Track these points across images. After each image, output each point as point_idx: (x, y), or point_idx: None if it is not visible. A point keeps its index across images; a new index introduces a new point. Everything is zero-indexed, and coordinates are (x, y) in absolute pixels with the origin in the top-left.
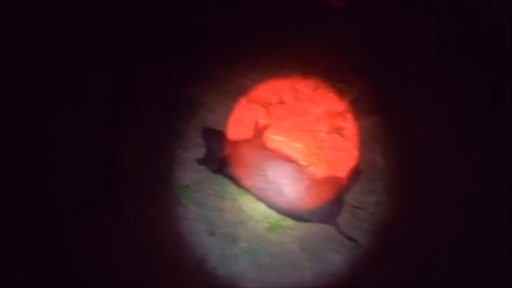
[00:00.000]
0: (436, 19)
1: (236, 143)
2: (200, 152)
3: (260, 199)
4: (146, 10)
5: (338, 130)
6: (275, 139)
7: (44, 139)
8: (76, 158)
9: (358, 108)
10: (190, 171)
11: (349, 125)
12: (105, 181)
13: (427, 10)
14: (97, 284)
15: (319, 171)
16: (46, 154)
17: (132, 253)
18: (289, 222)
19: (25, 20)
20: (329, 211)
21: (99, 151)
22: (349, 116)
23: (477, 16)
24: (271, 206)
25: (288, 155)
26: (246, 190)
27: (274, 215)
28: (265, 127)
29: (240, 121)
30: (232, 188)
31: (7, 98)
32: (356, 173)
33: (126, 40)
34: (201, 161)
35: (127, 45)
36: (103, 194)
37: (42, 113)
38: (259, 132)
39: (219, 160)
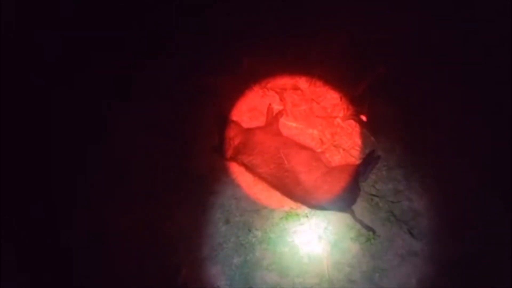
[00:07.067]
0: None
1: (251, 130)
2: (215, 140)
3: (276, 187)
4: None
5: (354, 116)
6: (291, 126)
7: (59, 132)
8: (89, 149)
9: (375, 93)
10: (205, 159)
11: (366, 111)
12: (120, 172)
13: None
14: (112, 273)
15: (336, 158)
16: (55, 149)
17: (147, 242)
18: (305, 210)
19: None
20: (346, 199)
21: (114, 141)
22: (366, 101)
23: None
24: (287, 194)
25: (304, 142)
26: (262, 178)
27: (290, 203)
28: (280, 114)
29: (254, 108)
30: (248, 176)
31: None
32: (373, 160)
33: (140, 30)
34: (216, 149)
35: (141, 35)
36: (118, 185)
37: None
38: (274, 118)
39: (234, 148)
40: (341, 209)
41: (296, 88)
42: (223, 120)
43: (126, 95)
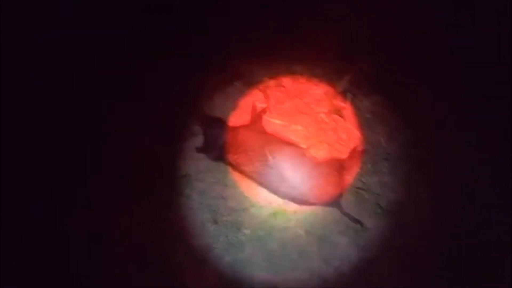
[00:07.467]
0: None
1: (235, 129)
2: (199, 140)
3: (262, 184)
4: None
5: (338, 111)
6: (275, 123)
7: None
8: (76, 151)
9: (359, 87)
10: (190, 160)
11: (350, 105)
12: (106, 173)
13: None
14: (106, 277)
15: (321, 153)
16: (50, 151)
17: (135, 247)
18: (292, 206)
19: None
20: (332, 194)
21: (100, 142)
22: (350, 96)
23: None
24: (274, 191)
25: (288, 139)
26: (248, 176)
27: (277, 200)
28: (264, 111)
29: (238, 106)
30: (234, 175)
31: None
32: (358, 154)
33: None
34: (201, 150)
35: (141, 35)
36: (118, 185)
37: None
38: (257, 116)
39: (219, 148)
40: (328, 203)
41: (279, 85)
42: (207, 120)
43: (126, 95)
